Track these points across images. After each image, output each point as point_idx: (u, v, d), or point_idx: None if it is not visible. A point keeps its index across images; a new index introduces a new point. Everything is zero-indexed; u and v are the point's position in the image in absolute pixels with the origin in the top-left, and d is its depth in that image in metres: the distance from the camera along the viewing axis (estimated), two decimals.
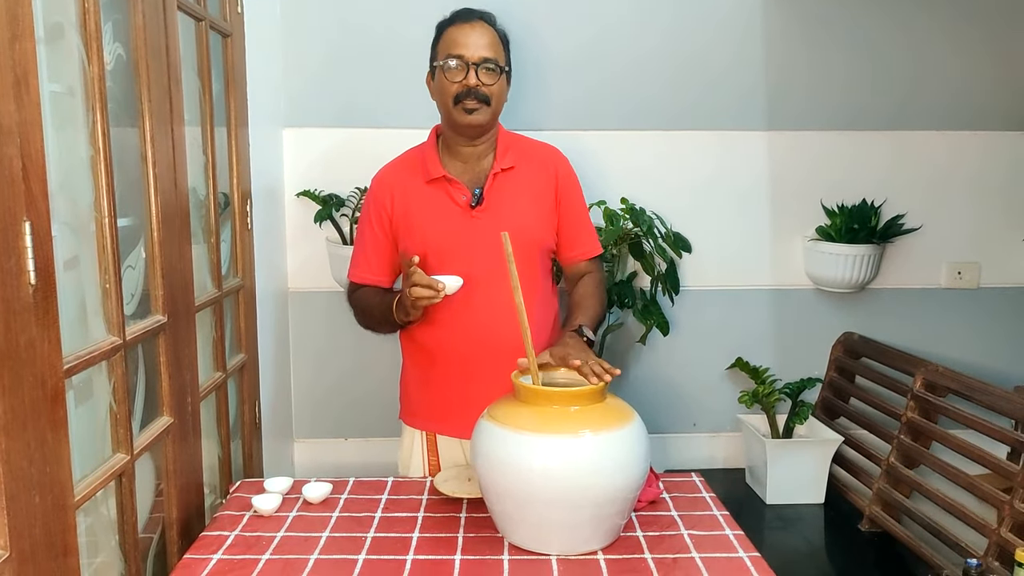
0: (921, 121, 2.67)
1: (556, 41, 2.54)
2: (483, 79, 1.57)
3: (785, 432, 2.60)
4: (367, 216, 1.70)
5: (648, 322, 2.55)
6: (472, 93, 1.56)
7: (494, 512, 1.28)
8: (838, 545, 2.35)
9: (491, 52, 1.58)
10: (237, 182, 1.98)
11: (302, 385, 2.68)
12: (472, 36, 1.57)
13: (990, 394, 2.12)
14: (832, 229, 2.63)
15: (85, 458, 1.18)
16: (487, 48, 1.58)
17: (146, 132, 1.38)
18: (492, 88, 1.58)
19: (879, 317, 2.77)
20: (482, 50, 1.57)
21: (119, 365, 1.26)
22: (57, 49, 1.16)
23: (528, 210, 1.64)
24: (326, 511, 1.40)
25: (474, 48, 1.57)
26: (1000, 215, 2.74)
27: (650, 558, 1.23)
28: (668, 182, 2.64)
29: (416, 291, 1.45)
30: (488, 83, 1.57)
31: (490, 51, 1.58)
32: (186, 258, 1.56)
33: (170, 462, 1.47)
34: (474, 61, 1.56)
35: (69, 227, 1.18)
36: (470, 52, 1.56)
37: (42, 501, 1.00)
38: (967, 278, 2.77)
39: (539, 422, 1.22)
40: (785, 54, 2.60)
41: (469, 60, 1.56)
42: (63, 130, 1.17)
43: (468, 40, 1.57)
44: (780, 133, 2.65)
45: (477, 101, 1.56)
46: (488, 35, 1.59)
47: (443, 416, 1.68)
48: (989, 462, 2.03)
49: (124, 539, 1.30)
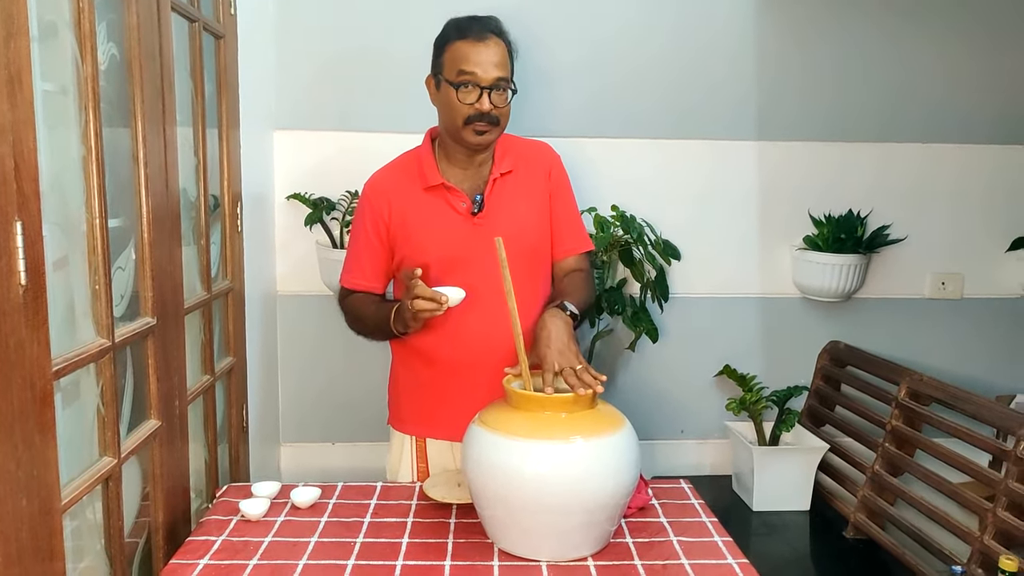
0: (907, 133, 2.71)
1: (554, 49, 2.55)
2: (495, 102, 1.52)
3: (772, 439, 2.62)
4: (362, 221, 1.66)
5: (637, 329, 2.56)
6: (485, 117, 1.52)
7: (484, 518, 1.28)
8: (823, 552, 2.37)
9: (503, 71, 1.52)
10: (228, 184, 1.97)
11: (290, 389, 2.66)
12: (485, 54, 1.50)
13: (973, 403, 2.14)
14: (819, 239, 2.65)
15: (72, 461, 1.17)
16: (499, 67, 1.52)
17: (138, 133, 1.37)
18: (503, 110, 1.54)
19: (865, 326, 2.80)
20: (495, 70, 1.51)
21: (108, 367, 1.25)
22: (51, 48, 1.15)
23: (528, 213, 1.63)
24: (314, 516, 1.39)
25: (487, 68, 1.51)
26: (983, 227, 2.78)
27: (640, 564, 1.23)
28: (658, 190, 2.66)
29: (419, 304, 1.41)
30: (500, 105, 1.53)
31: (502, 70, 1.52)
32: (176, 260, 1.55)
33: (157, 466, 1.46)
34: (487, 84, 1.50)
35: (59, 227, 1.17)
36: (483, 72, 1.50)
37: (29, 504, 0.99)
38: (951, 288, 2.81)
39: (530, 428, 1.22)
40: (776, 66, 2.63)
41: (482, 83, 1.50)
42: (55, 129, 1.16)
43: (481, 59, 1.50)
44: (770, 143, 2.68)
45: (488, 124, 1.53)
46: (500, 52, 1.53)
47: (434, 420, 1.66)
48: (972, 470, 2.06)
49: (110, 544, 1.28)
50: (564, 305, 1.50)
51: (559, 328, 1.43)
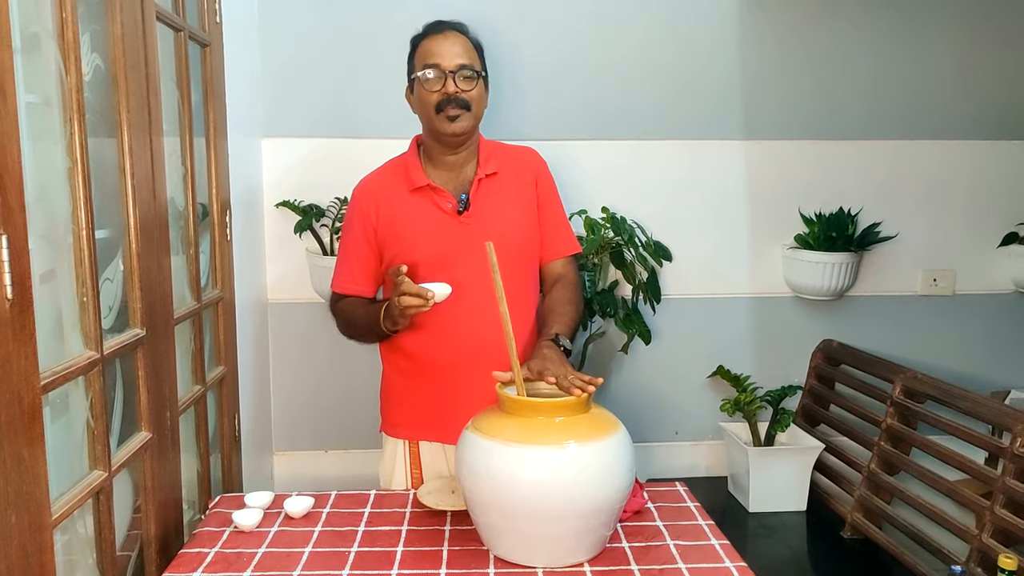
0: (895, 130, 2.72)
1: (531, 51, 2.55)
2: (461, 85, 1.58)
3: (767, 440, 2.62)
4: (350, 226, 1.69)
5: (630, 331, 2.56)
6: (452, 100, 1.57)
7: (479, 524, 1.28)
8: (821, 552, 2.37)
9: (466, 59, 1.60)
10: (216, 192, 1.96)
11: (281, 397, 2.65)
12: (446, 45, 1.59)
13: (968, 400, 2.15)
14: (810, 237, 2.66)
15: (62, 475, 1.16)
16: (462, 55, 1.59)
17: (124, 143, 1.36)
18: (471, 93, 1.59)
19: (858, 324, 2.80)
20: (457, 58, 1.59)
21: (97, 380, 1.24)
22: (34, 59, 1.14)
23: (514, 214, 1.65)
24: (308, 526, 1.38)
25: (449, 56, 1.58)
26: (974, 223, 2.79)
27: (636, 569, 1.23)
28: (648, 191, 2.66)
29: (405, 300, 1.44)
30: (467, 89, 1.59)
31: (465, 58, 1.60)
32: (165, 270, 1.54)
33: (148, 478, 1.44)
34: (451, 69, 1.58)
35: (46, 240, 1.16)
36: (446, 61, 1.58)
37: (18, 520, 0.98)
38: (943, 285, 2.82)
39: (524, 433, 1.21)
40: (760, 63, 2.64)
41: (446, 69, 1.58)
42: (40, 141, 1.15)
43: (442, 49, 1.59)
44: (758, 142, 2.68)
45: (458, 108, 1.57)
46: (461, 43, 1.61)
47: (426, 423, 1.66)
48: (968, 468, 2.06)
49: (102, 558, 1.27)
50: (557, 339, 1.53)
51: (554, 352, 1.46)
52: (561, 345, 1.51)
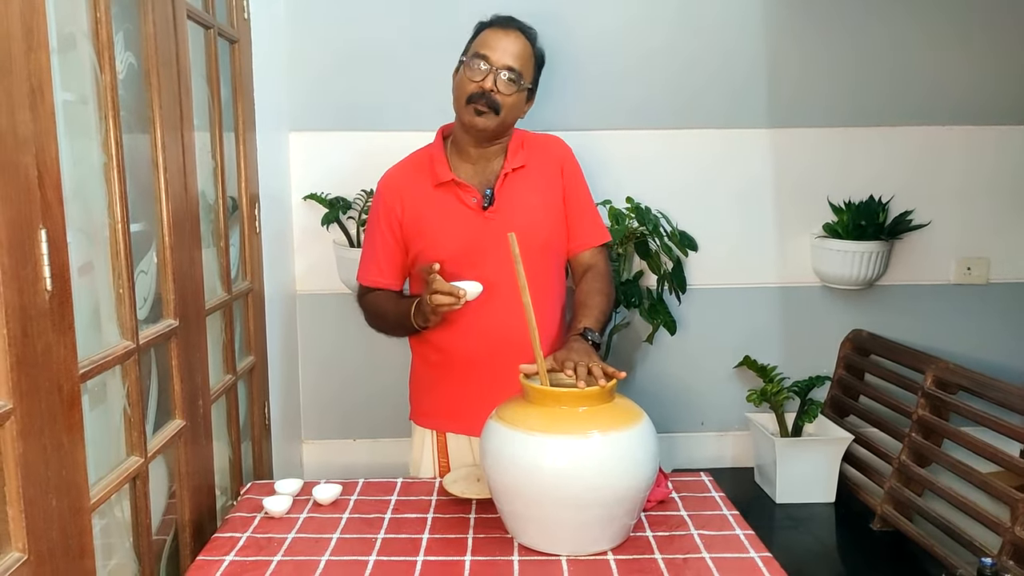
0: (928, 116, 2.66)
1: (559, 42, 2.54)
2: (500, 87, 1.55)
3: (794, 431, 2.60)
4: (376, 219, 1.69)
5: (655, 321, 2.55)
6: (485, 96, 1.55)
7: (503, 513, 1.29)
8: (850, 544, 2.35)
9: (517, 63, 1.56)
10: (245, 186, 2.00)
11: (310, 386, 2.69)
12: (505, 41, 1.56)
13: (1001, 390, 2.11)
14: (839, 226, 2.62)
15: (100, 461, 1.20)
16: (514, 58, 1.56)
17: (157, 139, 1.39)
18: (507, 98, 1.56)
19: (888, 314, 2.76)
20: (508, 58, 1.56)
21: (133, 369, 1.28)
22: (70, 59, 1.18)
23: (540, 208, 1.64)
24: (336, 512, 1.41)
25: (501, 53, 1.56)
26: (1009, 209, 2.73)
27: (660, 558, 1.23)
28: (673, 180, 2.64)
29: (437, 298, 1.44)
30: (504, 92, 1.56)
31: (516, 61, 1.56)
32: (196, 262, 1.57)
33: (182, 464, 1.48)
34: (498, 66, 1.55)
35: (83, 233, 1.20)
36: (496, 56, 1.55)
37: (59, 504, 1.01)
38: (976, 273, 2.76)
39: (547, 423, 1.22)
40: (791, 50, 2.60)
41: (494, 64, 1.55)
42: (77, 138, 1.18)
43: (498, 44, 1.56)
44: (786, 130, 2.65)
45: (487, 106, 1.55)
46: (521, 46, 1.58)
47: (454, 414, 1.68)
48: (1002, 460, 2.02)
49: (138, 541, 1.31)
50: (586, 334, 1.52)
51: (582, 345, 1.45)
52: (589, 340, 1.51)
